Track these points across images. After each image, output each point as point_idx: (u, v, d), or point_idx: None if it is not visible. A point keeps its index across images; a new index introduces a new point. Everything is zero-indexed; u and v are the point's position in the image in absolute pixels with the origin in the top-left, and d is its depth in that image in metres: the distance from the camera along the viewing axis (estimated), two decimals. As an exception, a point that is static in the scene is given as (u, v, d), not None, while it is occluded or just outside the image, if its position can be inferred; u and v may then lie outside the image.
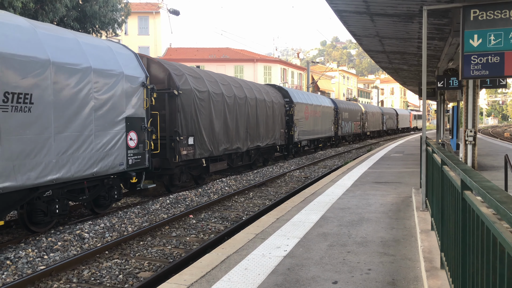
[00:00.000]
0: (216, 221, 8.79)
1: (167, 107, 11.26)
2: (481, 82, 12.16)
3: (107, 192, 9.08)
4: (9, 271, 5.79)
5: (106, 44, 9.16)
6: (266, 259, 4.79)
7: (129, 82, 9.17)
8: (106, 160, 8.51)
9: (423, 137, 6.86)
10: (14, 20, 7.04)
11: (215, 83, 13.94)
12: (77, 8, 17.08)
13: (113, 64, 8.81)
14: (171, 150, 11.27)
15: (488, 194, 1.82)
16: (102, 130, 8.41)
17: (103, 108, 8.42)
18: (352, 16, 10.36)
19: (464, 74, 7.05)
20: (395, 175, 12.10)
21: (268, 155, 19.40)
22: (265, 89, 19.06)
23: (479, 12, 6.81)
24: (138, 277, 5.73)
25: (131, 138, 9.24)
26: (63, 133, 7.48)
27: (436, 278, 3.83)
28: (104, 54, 8.72)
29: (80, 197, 8.41)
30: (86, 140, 8.01)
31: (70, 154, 7.63)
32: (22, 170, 6.70)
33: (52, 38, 7.53)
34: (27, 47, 6.87)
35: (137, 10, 40.99)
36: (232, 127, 14.66)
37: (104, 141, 8.46)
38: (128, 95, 9.13)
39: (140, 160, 9.57)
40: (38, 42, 7.13)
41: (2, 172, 6.33)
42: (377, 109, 45.58)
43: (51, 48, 7.37)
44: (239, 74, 44.92)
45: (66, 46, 7.80)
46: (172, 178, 11.79)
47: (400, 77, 25.17)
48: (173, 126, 11.31)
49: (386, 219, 6.67)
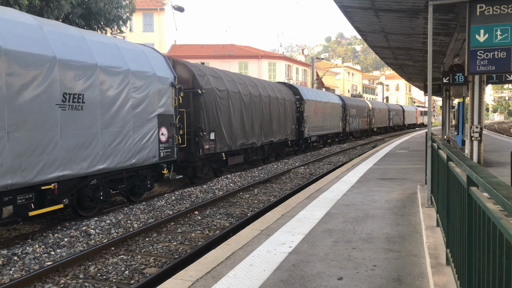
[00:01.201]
0: (221, 218, 8.81)
1: (192, 105, 12.29)
2: (487, 77, 12.08)
3: (141, 182, 10.00)
4: (17, 267, 5.84)
5: (140, 48, 10.19)
6: (271, 255, 4.79)
7: (160, 83, 10.15)
8: (142, 152, 9.52)
9: (428, 133, 6.83)
10: (68, 30, 8.14)
11: (233, 82, 14.96)
12: (82, 5, 17.12)
13: (147, 66, 9.82)
14: (195, 145, 12.35)
15: (495, 190, 1.81)
16: (139, 126, 9.42)
17: (139, 106, 9.42)
18: (357, 12, 10.31)
19: (470, 70, 7.00)
20: (400, 171, 12.07)
21: (280, 150, 20.28)
22: (277, 87, 19.99)
23: (486, 7, 6.75)
24: (144, 273, 5.76)
25: (162, 133, 10.25)
26: (108, 128, 8.48)
27: (441, 274, 3.82)
28: (139, 57, 9.72)
29: (119, 185, 9.41)
30: (126, 135, 9.00)
31: (113, 147, 8.63)
32: (76, 161, 7.73)
33: (98, 45, 8.52)
34: (80, 53, 7.88)
35: (142, 7, 40.99)
36: (248, 123, 15.67)
37: (141, 135, 9.47)
38: (159, 94, 10.13)
39: (170, 153, 10.59)
40: (87, 48, 8.13)
41: (62, 162, 7.40)
42: (383, 105, 45.99)
43: (98, 53, 8.35)
44: (243, 71, 44.87)
45: (109, 51, 8.78)
46: (195, 170, 12.73)
47: (405, 73, 25.03)
48: (196, 123, 12.37)
49: (391, 215, 6.66)
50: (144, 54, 10.04)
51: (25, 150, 6.74)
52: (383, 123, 44.27)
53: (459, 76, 13.38)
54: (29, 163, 6.81)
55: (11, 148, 6.51)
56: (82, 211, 8.58)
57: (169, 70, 10.72)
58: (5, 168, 6.42)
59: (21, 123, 6.70)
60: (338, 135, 29.63)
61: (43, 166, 7.05)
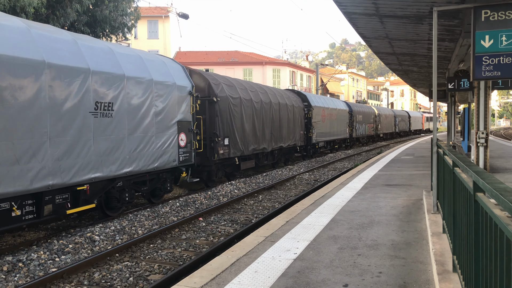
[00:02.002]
0: (226, 224, 8.79)
1: (207, 112, 12.99)
2: (493, 83, 12.03)
3: (161, 185, 10.61)
4: (21, 273, 5.84)
5: (160, 59, 10.86)
6: (276, 262, 4.77)
7: (179, 91, 10.80)
8: (164, 157, 10.14)
9: (434, 139, 6.80)
10: (98, 43, 8.81)
11: (245, 90, 15.68)
12: (88, 13, 17.27)
13: (168, 76, 10.46)
14: (211, 150, 12.97)
15: (502, 196, 1.79)
16: (161, 132, 10.03)
17: (161, 113, 10.05)
18: (361, 18, 10.32)
19: (476, 75, 6.98)
20: (405, 177, 12.01)
21: (289, 155, 20.94)
22: (286, 94, 20.76)
23: (491, 13, 6.73)
24: (148, 280, 5.75)
25: (182, 139, 10.89)
26: (133, 134, 9.11)
27: (448, 281, 3.78)
28: (160, 68, 10.35)
29: (142, 188, 9.97)
30: (149, 140, 9.62)
31: (138, 152, 9.25)
32: (106, 164, 8.33)
33: (124, 57, 9.19)
34: (109, 65, 8.55)
35: (147, 14, 41.28)
36: (259, 129, 16.32)
37: (162, 141, 10.08)
38: (179, 102, 10.78)
39: (188, 157, 11.25)
40: (115, 60, 8.82)
41: (94, 165, 8.02)
42: (389, 111, 46.50)
43: (125, 64, 9.01)
44: (248, 77, 44.98)
45: (134, 62, 9.45)
46: (210, 174, 13.37)
47: (410, 79, 24.99)
48: (212, 129, 13.05)
49: (396, 221, 6.62)
50: (165, 64, 10.71)
51: (63, 154, 7.38)
52: (389, 129, 44.67)
53: (465, 82, 13.33)
54: (66, 166, 7.45)
55: (52, 152, 7.15)
56: (108, 211, 9.15)
57: (187, 79, 11.41)
58: (47, 170, 7.05)
59: (61, 130, 7.32)
60: (345, 140, 30.09)
61: (78, 169, 7.69)
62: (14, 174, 6.49)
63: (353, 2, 9.05)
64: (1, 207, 6.49)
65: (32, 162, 6.79)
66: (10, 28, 6.71)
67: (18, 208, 6.78)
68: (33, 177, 6.80)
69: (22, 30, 6.94)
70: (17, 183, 6.54)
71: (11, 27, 6.75)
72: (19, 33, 6.83)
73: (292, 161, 21.49)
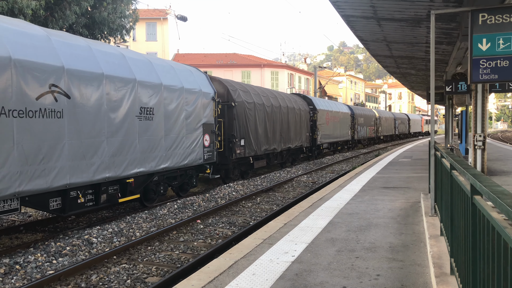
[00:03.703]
0: (224, 226, 8.78)
1: (226, 116, 14.22)
2: (490, 86, 12.07)
3: (188, 180, 11.92)
4: (18, 276, 5.82)
5: (188, 68, 12.22)
6: (274, 265, 4.77)
7: (204, 97, 12.09)
8: (192, 155, 11.43)
9: (431, 141, 6.81)
10: (140, 56, 10.17)
11: (258, 95, 17.00)
12: (86, 15, 17.26)
13: (195, 84, 11.74)
14: (229, 150, 14.21)
15: (499, 199, 1.80)
16: (189, 133, 11.34)
17: (190, 117, 11.36)
18: (359, 21, 10.35)
19: (473, 79, 7.00)
20: (403, 180, 12.03)
21: (296, 156, 22.15)
22: (293, 98, 22.22)
23: (488, 16, 6.76)
24: (146, 282, 5.73)
25: (206, 139, 12.17)
26: (169, 135, 10.38)
27: (446, 284, 3.79)
28: (188, 77, 11.63)
29: (173, 182, 11.22)
30: (181, 140, 10.89)
31: (172, 150, 10.51)
32: (147, 160, 9.59)
33: (161, 67, 10.49)
34: (150, 76, 9.82)
35: (145, 17, 41.29)
36: (270, 131, 17.61)
37: (190, 141, 11.38)
38: (204, 107, 12.08)
39: (211, 156, 12.54)
40: (155, 71, 10.10)
41: (138, 161, 9.27)
42: (389, 114, 47.72)
43: (161, 74, 10.28)
44: (246, 80, 45.01)
45: (169, 72, 10.75)
46: (227, 172, 14.63)
47: (408, 82, 25.06)
48: (230, 131, 14.33)
49: (394, 224, 6.62)
50: (192, 73, 12.05)
51: (116, 151, 8.64)
52: (389, 131, 45.77)
53: (462, 85, 13.38)
54: (119, 161, 8.72)
55: (108, 149, 8.42)
56: (146, 202, 10.34)
57: (210, 86, 12.72)
58: (105, 164, 8.33)
59: (114, 131, 8.59)
60: (347, 142, 31.25)
61: (127, 164, 8.95)
62: (82, 167, 7.81)
63: (351, 5, 9.08)
64: (71, 195, 7.79)
65: (94, 158, 8.09)
66: (78, 47, 8.11)
67: (83, 196, 8.09)
68: (95, 170, 8.10)
69: (85, 47, 8.29)
70: (84, 174, 7.85)
71: (80, 46, 8.17)
72: (85, 50, 8.19)
73: (299, 161, 22.62)
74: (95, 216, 9.84)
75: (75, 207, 7.94)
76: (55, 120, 7.23)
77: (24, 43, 6.89)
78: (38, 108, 6.92)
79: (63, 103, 7.39)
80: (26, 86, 6.73)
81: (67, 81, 7.46)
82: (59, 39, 7.72)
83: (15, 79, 6.54)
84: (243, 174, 16.06)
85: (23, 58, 6.71)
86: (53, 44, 7.46)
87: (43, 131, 7.01)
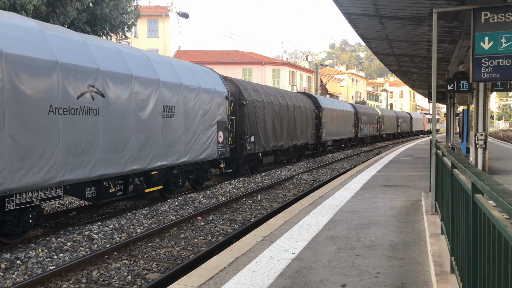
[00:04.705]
0: (224, 223, 8.79)
1: (237, 113, 14.92)
2: (492, 85, 12.03)
3: (204, 173, 12.69)
4: (19, 271, 5.84)
5: (204, 69, 13.08)
6: (274, 262, 4.78)
7: (219, 96, 12.91)
8: (207, 150, 12.25)
9: (433, 140, 6.81)
10: (162, 58, 11.06)
11: (267, 94, 17.73)
12: (88, 11, 17.24)
13: (210, 83, 12.57)
14: (240, 146, 15.01)
15: (501, 198, 1.80)
16: (205, 129, 12.13)
17: (206, 115, 12.16)
18: (361, 19, 10.33)
19: (475, 77, 6.99)
20: (404, 178, 12.02)
21: (302, 152, 22.85)
22: (300, 96, 23.03)
23: (490, 15, 6.74)
24: (147, 278, 5.75)
25: (220, 136, 12.97)
26: (187, 131, 11.16)
27: (446, 282, 3.79)
28: (204, 77, 12.45)
29: (190, 176, 11.96)
30: (198, 136, 11.70)
31: (190, 145, 11.32)
32: (169, 155, 10.39)
33: (180, 68, 11.33)
34: (172, 76, 10.63)
35: (147, 13, 41.22)
36: (278, 128, 18.35)
37: (206, 137, 12.18)
38: (218, 105, 12.88)
39: (224, 151, 13.37)
40: (175, 72, 10.91)
41: (161, 155, 10.06)
42: (392, 113, 48.70)
43: (182, 75, 11.11)
44: (247, 77, 44.96)
45: (187, 72, 11.57)
46: (238, 167, 15.38)
47: (409, 80, 25.02)
48: (241, 128, 15.07)
49: (395, 222, 6.63)
50: (207, 73, 12.93)
51: (143, 145, 9.42)
52: (392, 129, 46.54)
53: (464, 84, 13.35)
54: (144, 155, 9.50)
55: (136, 144, 9.20)
56: (166, 193, 11.01)
57: (224, 86, 13.52)
58: (133, 158, 9.11)
59: (141, 127, 9.37)
60: (350, 140, 32.01)
61: (152, 158, 9.72)
62: (114, 160, 8.56)
63: (353, 3, 9.06)
64: (104, 185, 8.55)
65: (124, 151, 8.86)
66: (110, 50, 8.93)
67: (113, 186, 8.83)
68: (125, 162, 8.87)
69: (116, 51, 9.12)
70: (115, 166, 8.62)
71: (112, 49, 8.99)
72: (116, 53, 9.03)
73: (304, 158, 23.30)
74: (95, 212, 9.86)
75: (107, 196, 8.72)
76: (92, 117, 8.04)
77: (67, 48, 7.71)
78: (78, 106, 7.73)
79: (99, 102, 8.18)
80: (69, 87, 7.53)
81: (102, 81, 8.26)
82: (94, 43, 8.56)
83: (60, 81, 7.34)
84: (252, 169, 16.80)
85: (67, 61, 7.53)
86: (90, 48, 8.29)
87: (82, 126, 7.81)
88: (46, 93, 7.05)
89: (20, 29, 6.96)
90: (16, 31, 6.83)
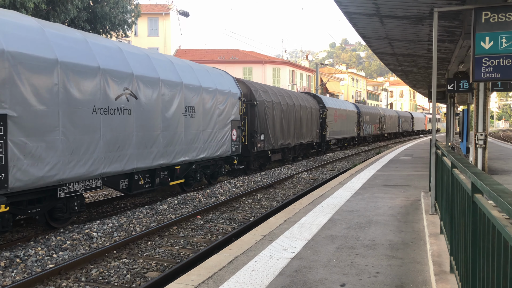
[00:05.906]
0: (224, 222, 8.79)
1: (249, 113, 15.81)
2: (492, 85, 12.03)
3: (218, 169, 13.57)
4: (19, 269, 5.84)
5: (219, 71, 14.11)
6: (273, 261, 4.78)
7: (233, 97, 13.89)
8: (222, 147, 13.19)
9: (432, 140, 6.81)
10: (183, 62, 11.97)
11: (275, 95, 18.64)
12: (88, 9, 17.23)
13: (225, 85, 13.56)
14: (251, 143, 15.90)
15: (500, 197, 1.80)
16: (221, 128, 13.07)
17: (222, 114, 13.13)
18: (362, 18, 10.32)
19: (475, 77, 6.98)
20: (404, 178, 12.02)
21: (307, 150, 23.84)
22: (305, 96, 24.01)
23: (491, 14, 6.74)
24: (146, 277, 5.75)
25: (234, 134, 13.91)
26: (206, 130, 12.13)
27: (445, 282, 3.79)
28: (219, 79, 13.43)
29: (206, 171, 12.78)
30: (215, 134, 12.66)
31: (208, 142, 12.28)
32: (190, 151, 11.34)
33: (199, 72, 12.26)
34: (192, 79, 11.56)
35: (147, 12, 41.20)
36: (285, 127, 19.20)
37: (222, 135, 13.13)
38: (232, 106, 13.86)
39: (237, 148, 14.31)
40: (195, 75, 11.86)
41: (184, 151, 11.01)
42: (393, 112, 49.65)
43: (200, 77, 12.05)
44: (247, 76, 44.94)
45: (205, 75, 12.50)
46: (249, 163, 16.22)
47: (409, 80, 25.01)
48: (252, 126, 15.99)
49: (394, 222, 6.63)
50: (222, 76, 13.90)
51: (168, 142, 10.32)
52: (393, 129, 47.34)
53: (464, 83, 13.35)
54: (170, 151, 10.41)
55: (163, 141, 10.10)
56: (186, 187, 11.89)
57: (237, 87, 14.47)
58: (160, 153, 10.01)
59: (167, 125, 10.26)
60: (353, 139, 32.92)
61: (175, 153, 10.64)
62: (144, 155, 9.45)
63: (353, 2, 9.05)
64: (135, 178, 9.42)
65: (153, 147, 9.74)
66: (141, 56, 9.82)
67: (143, 179, 9.69)
68: (153, 158, 9.75)
69: (145, 56, 9.98)
70: (145, 161, 9.51)
71: (142, 55, 9.88)
72: (146, 59, 9.92)
73: (309, 156, 24.27)
74: (95, 211, 9.86)
75: (138, 188, 9.59)
76: (127, 116, 8.94)
77: (107, 54, 8.62)
78: (116, 107, 8.62)
79: (132, 103, 9.10)
80: (108, 89, 8.42)
81: (135, 84, 9.17)
82: (127, 50, 9.51)
83: (102, 84, 8.24)
84: (261, 166, 17.75)
85: (107, 67, 8.43)
86: (124, 55, 9.20)
87: (119, 125, 8.70)
88: (90, 95, 7.97)
89: (67, 39, 7.85)
90: (63, 39, 7.71)
